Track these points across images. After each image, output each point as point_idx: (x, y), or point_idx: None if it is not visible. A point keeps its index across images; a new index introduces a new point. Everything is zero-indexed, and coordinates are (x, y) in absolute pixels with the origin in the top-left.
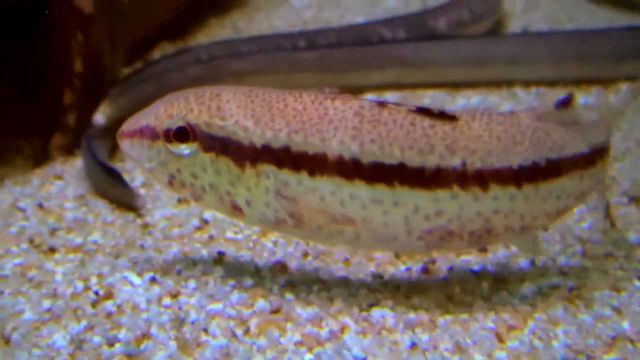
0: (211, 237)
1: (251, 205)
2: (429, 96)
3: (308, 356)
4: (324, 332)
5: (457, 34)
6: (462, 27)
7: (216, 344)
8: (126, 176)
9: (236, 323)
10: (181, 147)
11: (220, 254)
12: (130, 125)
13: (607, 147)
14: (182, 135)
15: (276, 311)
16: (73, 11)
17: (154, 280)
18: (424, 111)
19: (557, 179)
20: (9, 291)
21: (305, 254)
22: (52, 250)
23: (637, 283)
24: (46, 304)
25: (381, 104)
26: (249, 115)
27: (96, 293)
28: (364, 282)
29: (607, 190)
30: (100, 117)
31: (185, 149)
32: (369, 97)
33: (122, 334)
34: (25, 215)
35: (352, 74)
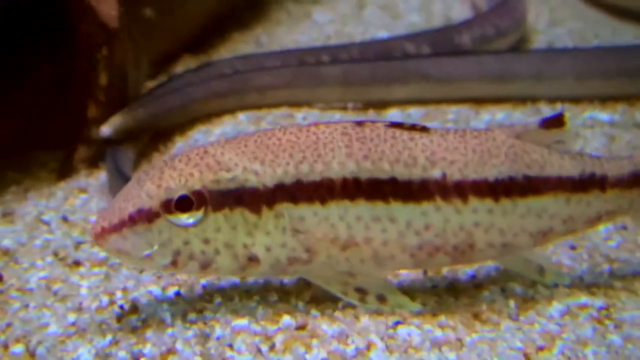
0: None
1: (270, 250)
2: (453, 111)
3: None
4: (349, 349)
5: (481, 50)
6: (487, 43)
7: None
8: None
9: (261, 339)
10: (185, 217)
11: None
12: (108, 219)
13: (616, 179)
14: (185, 204)
15: (302, 327)
16: (98, 25)
17: (178, 295)
18: (398, 125)
19: (535, 197)
20: (34, 304)
21: None
22: (77, 263)
23: None
24: (71, 317)
25: (360, 122)
26: (253, 159)
27: (121, 307)
28: None
29: None
30: (106, 128)
31: (189, 218)
32: (393, 113)
33: (147, 349)
34: (50, 229)
35: (376, 89)
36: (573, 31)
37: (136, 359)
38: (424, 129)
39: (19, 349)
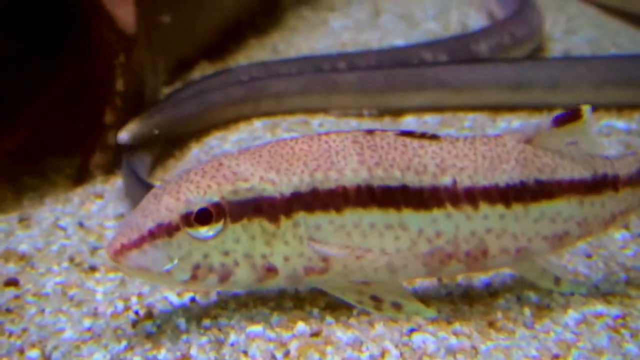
0: None
1: (289, 260)
2: (470, 119)
3: None
4: (364, 356)
5: (498, 57)
6: (503, 51)
7: None
8: None
9: (276, 345)
10: (205, 230)
11: None
12: (127, 236)
13: (627, 177)
14: (205, 217)
15: (316, 334)
16: (115, 32)
17: (193, 301)
18: (408, 133)
19: (548, 201)
20: (50, 310)
21: None
22: (93, 269)
23: None
24: (87, 323)
25: (370, 131)
26: (268, 168)
27: (136, 313)
28: None
29: None
30: (124, 135)
31: (208, 230)
32: (408, 120)
33: (162, 354)
34: (66, 234)
35: (392, 96)
36: (590, 39)
37: None
38: (434, 137)
39: (34, 354)
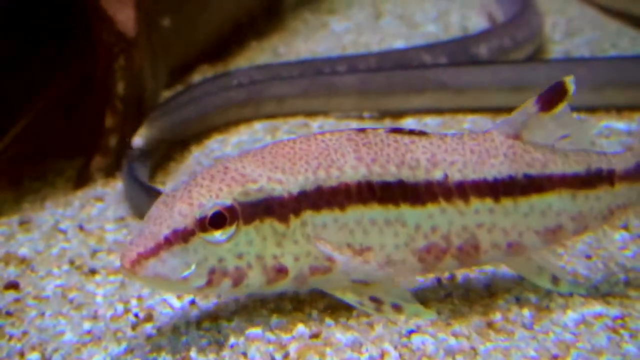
0: None
1: (298, 260)
2: (470, 121)
3: None
4: (363, 357)
5: (498, 59)
6: (503, 54)
7: None
8: None
9: (275, 347)
10: (219, 234)
11: None
12: (142, 245)
13: (624, 172)
14: (219, 221)
15: (316, 336)
16: (116, 35)
17: (193, 303)
18: (398, 130)
19: (538, 195)
20: (50, 312)
21: None
22: (93, 272)
23: None
24: (87, 325)
25: (362, 129)
26: (274, 168)
27: (136, 315)
28: None
29: None
30: (139, 139)
31: (222, 234)
32: (409, 122)
33: (162, 357)
34: (67, 237)
35: (392, 98)
36: (590, 41)
37: None
38: (423, 133)
39: (34, 356)
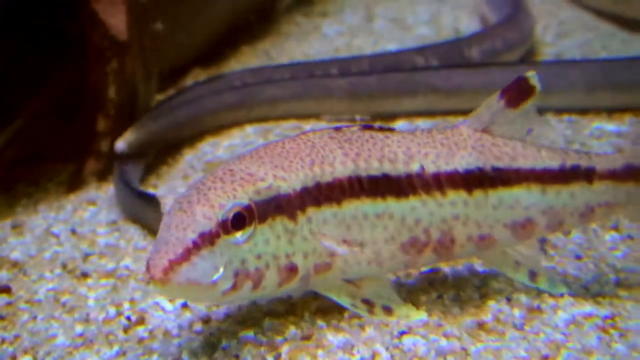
0: None
1: (307, 257)
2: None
3: None
4: (355, 359)
5: (489, 61)
6: (496, 56)
7: None
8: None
9: (267, 349)
10: (240, 235)
11: None
12: (172, 252)
13: (607, 171)
14: (239, 222)
15: (307, 338)
16: (108, 39)
17: (185, 306)
18: (370, 127)
19: (506, 188)
20: (42, 316)
21: None
22: (85, 275)
23: None
24: (79, 329)
25: (338, 128)
26: (275, 167)
27: (128, 318)
28: None
29: None
30: (121, 144)
31: (242, 235)
32: (401, 124)
33: (153, 359)
34: (59, 241)
35: (384, 101)
36: (582, 43)
37: None
38: (391, 130)
39: None
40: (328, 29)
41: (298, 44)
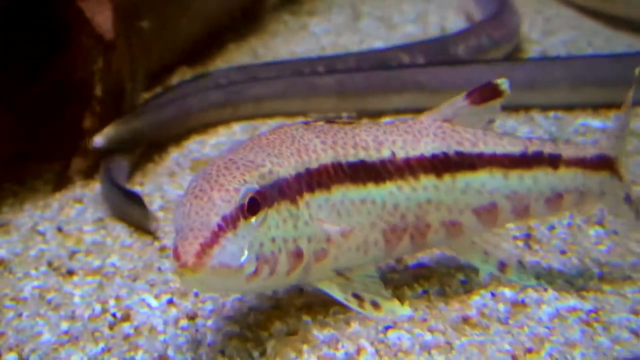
0: None
1: (310, 242)
2: None
3: None
4: (340, 354)
5: (475, 59)
6: (481, 53)
7: None
8: (145, 199)
9: (253, 345)
10: (255, 219)
11: None
12: (201, 236)
13: (574, 158)
14: (254, 206)
15: (293, 333)
16: (94, 37)
17: (171, 302)
18: (332, 121)
19: (470, 173)
20: (27, 314)
21: None
22: (71, 273)
23: None
24: (64, 326)
25: (307, 122)
26: (269, 154)
27: (114, 315)
28: None
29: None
30: (99, 139)
31: (256, 220)
32: (387, 122)
33: (139, 356)
34: (45, 239)
35: (371, 99)
36: (567, 40)
37: None
38: (352, 122)
39: (12, 357)
40: (315, 27)
41: (285, 43)
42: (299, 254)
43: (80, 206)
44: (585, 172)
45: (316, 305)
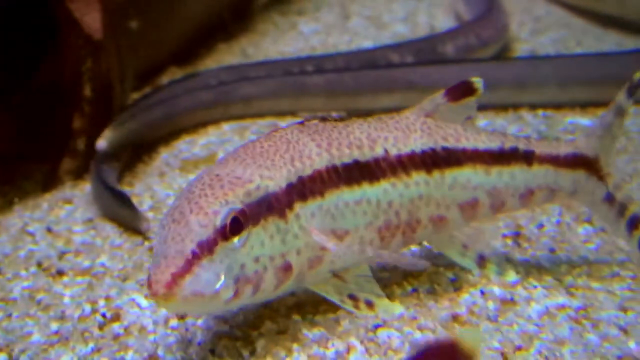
0: None
1: (300, 254)
2: None
3: None
4: (330, 352)
5: (465, 58)
6: (470, 52)
7: None
8: (135, 200)
9: (243, 344)
10: (237, 240)
11: None
12: (172, 264)
13: (547, 155)
14: (236, 226)
15: (283, 332)
16: (83, 37)
17: None
18: (324, 119)
19: (457, 168)
20: (17, 314)
21: None
22: (61, 273)
23: None
24: (54, 326)
25: (300, 122)
26: (259, 166)
27: (104, 315)
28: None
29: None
30: (102, 142)
31: (239, 240)
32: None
33: (129, 356)
34: (35, 239)
35: (360, 98)
36: (556, 39)
37: None
38: (343, 119)
39: (2, 358)
40: (304, 27)
41: (274, 42)
42: (287, 268)
43: (69, 206)
44: (558, 169)
45: (306, 305)
